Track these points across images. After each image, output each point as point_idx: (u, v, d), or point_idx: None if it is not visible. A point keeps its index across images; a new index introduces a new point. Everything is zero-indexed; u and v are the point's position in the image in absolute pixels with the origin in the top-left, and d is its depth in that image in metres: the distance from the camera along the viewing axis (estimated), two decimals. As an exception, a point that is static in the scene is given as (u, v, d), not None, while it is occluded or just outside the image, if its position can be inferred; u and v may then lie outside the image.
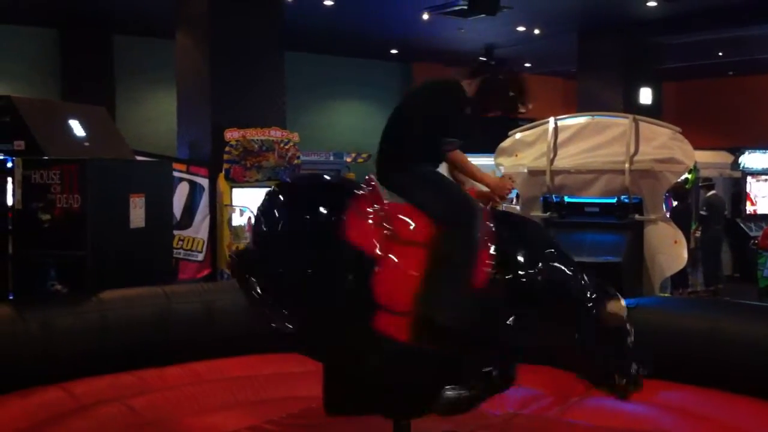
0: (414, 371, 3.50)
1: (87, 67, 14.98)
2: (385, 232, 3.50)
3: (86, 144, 6.17)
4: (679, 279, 10.52)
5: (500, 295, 3.51)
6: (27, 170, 5.53)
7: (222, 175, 9.23)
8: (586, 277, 3.68)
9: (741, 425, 4.33)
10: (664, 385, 4.89)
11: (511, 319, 3.50)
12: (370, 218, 3.52)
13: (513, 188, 3.96)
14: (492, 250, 3.52)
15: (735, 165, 14.39)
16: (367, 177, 3.75)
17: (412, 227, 3.55)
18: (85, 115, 6.48)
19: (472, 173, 3.85)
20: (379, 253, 3.45)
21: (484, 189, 3.86)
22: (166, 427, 4.40)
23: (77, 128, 6.23)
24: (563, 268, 3.66)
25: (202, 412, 4.72)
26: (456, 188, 3.75)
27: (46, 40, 15.11)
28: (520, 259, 3.60)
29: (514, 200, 11.70)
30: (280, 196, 3.66)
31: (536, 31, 16.04)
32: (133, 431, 4.33)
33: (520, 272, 3.57)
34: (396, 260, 3.46)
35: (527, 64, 20.16)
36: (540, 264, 3.61)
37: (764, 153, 14.76)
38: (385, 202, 3.61)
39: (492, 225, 3.61)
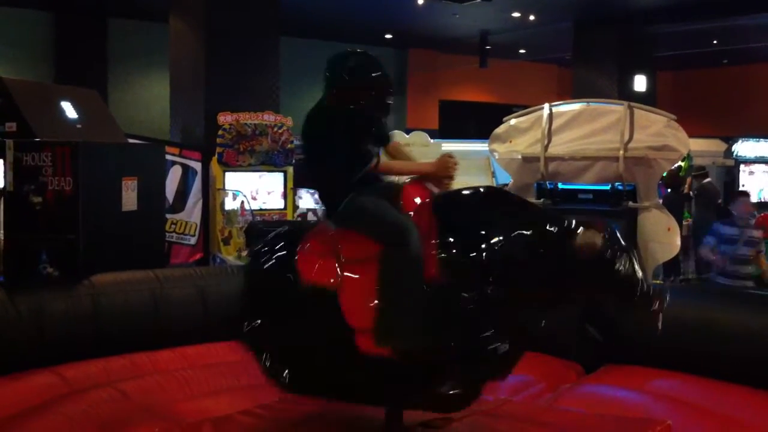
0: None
1: (80, 51, 14.92)
2: (338, 258, 3.54)
3: (78, 127, 6.13)
4: (672, 266, 10.55)
5: (457, 282, 3.41)
6: (18, 152, 5.49)
7: (215, 158, 9.20)
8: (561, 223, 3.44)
9: (733, 413, 4.35)
10: (656, 373, 4.91)
11: (475, 303, 3.38)
12: (319, 252, 3.60)
13: (456, 164, 3.71)
14: (437, 243, 3.45)
15: (728, 153, 14.40)
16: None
17: (361, 245, 3.53)
18: (77, 97, 6.44)
19: (406, 171, 3.79)
20: (334, 280, 3.50)
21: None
22: (158, 412, 4.38)
23: (69, 111, 6.19)
24: (525, 232, 3.45)
25: (194, 396, 4.71)
26: (383, 209, 3.58)
27: (40, 23, 15.03)
28: (472, 240, 3.46)
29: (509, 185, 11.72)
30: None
31: (531, 18, 16.00)
32: (125, 415, 4.31)
33: (475, 253, 3.42)
34: (353, 281, 3.49)
35: (522, 51, 20.15)
36: (497, 237, 3.44)
37: (757, 141, 14.77)
38: (329, 230, 3.67)
39: (436, 214, 3.53)
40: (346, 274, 3.51)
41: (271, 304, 3.71)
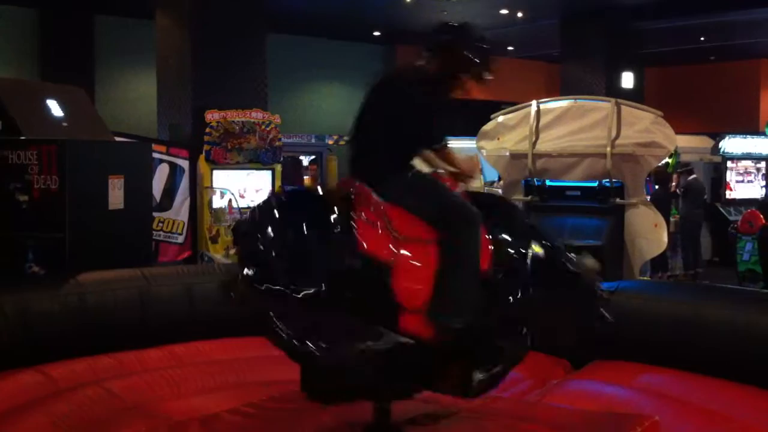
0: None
1: (67, 48, 14.82)
2: (392, 234, 3.43)
3: (64, 125, 6.11)
4: (659, 263, 10.60)
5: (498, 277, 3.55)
6: (4, 151, 5.47)
7: (202, 156, 9.17)
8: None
9: (721, 409, 4.36)
10: (644, 369, 4.92)
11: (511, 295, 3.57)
12: (375, 223, 3.44)
13: (478, 165, 3.94)
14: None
15: (715, 150, 14.46)
16: (344, 180, 3.70)
17: (414, 225, 3.49)
18: (63, 95, 6.41)
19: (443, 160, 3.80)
20: (392, 257, 3.39)
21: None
22: (146, 411, 4.37)
23: (55, 109, 6.16)
24: (544, 242, 3.75)
25: (182, 395, 4.70)
26: (445, 190, 3.62)
27: (25, 20, 14.92)
28: (508, 239, 3.64)
29: (496, 183, 11.75)
30: (276, 213, 3.46)
31: (519, 15, 16.01)
32: (112, 414, 4.29)
33: (510, 252, 3.62)
34: (409, 259, 3.41)
35: (510, 48, 20.15)
36: (524, 242, 3.67)
37: (744, 138, 14.83)
38: (379, 202, 3.52)
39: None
40: (402, 251, 3.41)
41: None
